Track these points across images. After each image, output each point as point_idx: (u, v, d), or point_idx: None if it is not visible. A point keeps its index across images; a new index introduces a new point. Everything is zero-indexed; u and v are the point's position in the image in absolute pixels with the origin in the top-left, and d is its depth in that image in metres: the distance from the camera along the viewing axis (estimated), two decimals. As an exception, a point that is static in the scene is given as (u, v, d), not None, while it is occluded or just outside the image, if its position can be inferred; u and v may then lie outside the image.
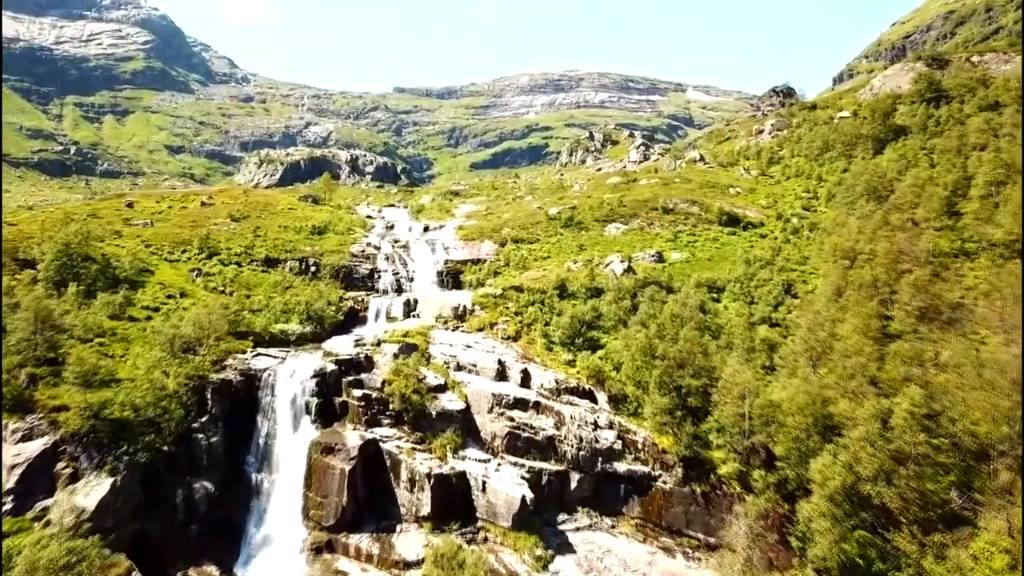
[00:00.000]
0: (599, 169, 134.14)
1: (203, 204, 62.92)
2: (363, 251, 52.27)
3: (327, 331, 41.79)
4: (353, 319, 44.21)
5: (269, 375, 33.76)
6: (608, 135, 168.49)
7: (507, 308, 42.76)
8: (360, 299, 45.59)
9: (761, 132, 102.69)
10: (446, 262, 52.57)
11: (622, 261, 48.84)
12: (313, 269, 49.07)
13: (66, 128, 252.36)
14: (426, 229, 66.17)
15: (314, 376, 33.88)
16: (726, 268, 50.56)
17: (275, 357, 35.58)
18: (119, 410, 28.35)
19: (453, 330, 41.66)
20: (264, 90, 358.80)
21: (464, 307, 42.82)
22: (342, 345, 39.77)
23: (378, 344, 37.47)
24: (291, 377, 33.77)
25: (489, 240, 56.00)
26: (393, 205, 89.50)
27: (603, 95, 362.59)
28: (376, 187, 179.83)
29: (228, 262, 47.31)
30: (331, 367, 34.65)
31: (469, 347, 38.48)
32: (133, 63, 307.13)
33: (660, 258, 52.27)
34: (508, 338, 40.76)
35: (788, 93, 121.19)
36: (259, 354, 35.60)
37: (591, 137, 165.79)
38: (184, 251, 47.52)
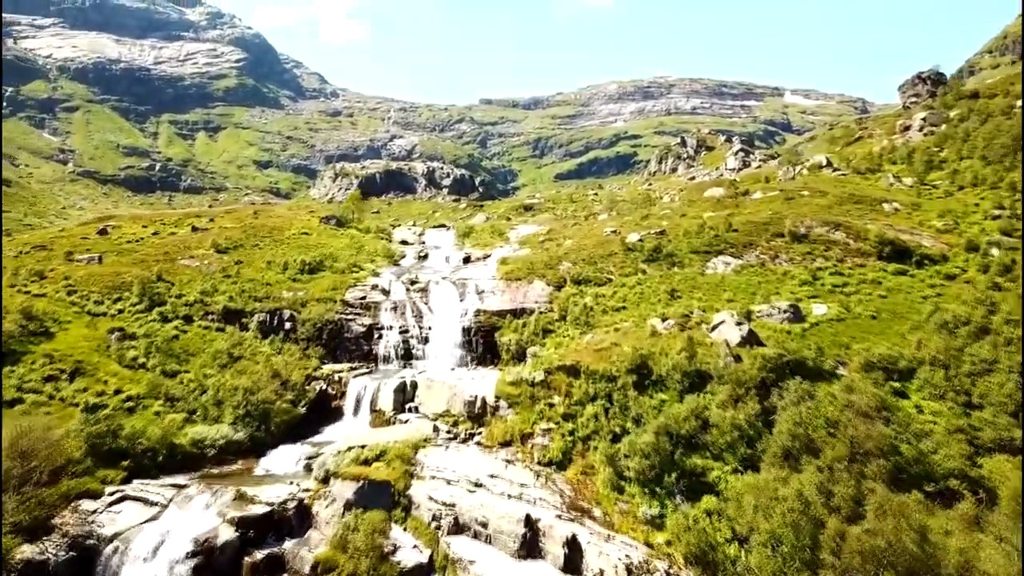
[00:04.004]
0: (692, 178, 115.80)
1: (194, 229, 50.97)
2: (363, 298, 37.69)
3: (275, 435, 27.33)
4: (322, 412, 29.55)
5: (116, 550, 19.44)
6: (702, 140, 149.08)
7: (550, 406, 26.66)
8: (338, 378, 30.80)
9: (907, 129, 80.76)
10: (477, 314, 36.98)
11: (738, 323, 31.50)
12: (287, 326, 35.02)
13: (160, 145, 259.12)
14: (467, 260, 51.22)
15: (194, 553, 19.21)
16: (907, 334, 32.05)
17: (151, 503, 21.23)
18: None
19: (463, 440, 26.05)
20: (352, 104, 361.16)
21: (483, 402, 27.11)
22: (286, 464, 25.21)
23: (325, 480, 22.40)
24: (154, 555, 19.27)
25: (540, 280, 40.08)
26: (444, 225, 75.42)
27: (695, 101, 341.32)
28: (452, 200, 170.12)
29: (171, 316, 34.10)
30: (228, 535, 19.82)
31: (479, 486, 22.69)
32: (226, 81, 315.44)
33: (796, 314, 34.40)
34: (549, 463, 24.65)
35: (938, 80, 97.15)
36: (124, 497, 21.36)
37: (683, 143, 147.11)
38: (119, 299, 34.79)
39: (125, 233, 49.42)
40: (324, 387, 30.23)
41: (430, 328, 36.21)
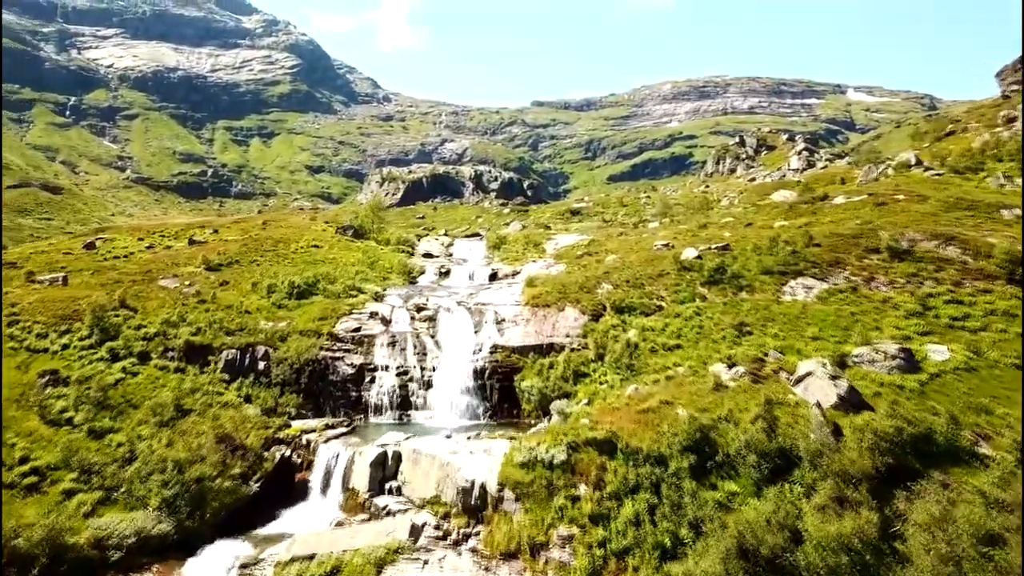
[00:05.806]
0: (752, 179, 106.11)
1: (191, 242, 45.85)
2: (356, 330, 31.12)
3: (213, 525, 20.91)
4: (282, 488, 23.03)
5: None
6: (762, 139, 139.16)
7: (574, 500, 19.29)
8: (306, 441, 24.23)
9: (1013, 120, 69.29)
10: (493, 350, 29.89)
11: (832, 376, 23.37)
12: (261, 366, 28.87)
13: (216, 151, 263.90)
14: (494, 277, 44.33)
15: None
16: (1074, 394, 23.43)
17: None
18: None
19: (455, 543, 19.01)
20: (404, 109, 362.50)
21: (483, 490, 20.01)
22: (216, 572, 18.76)
23: (243, 619, 15.79)
24: None
25: (573, 307, 32.70)
26: (478, 234, 68.86)
27: (752, 100, 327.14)
28: (499, 204, 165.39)
29: (124, 353, 28.39)
30: None
31: (462, 634, 15.63)
32: (280, 87, 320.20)
33: (909, 360, 25.86)
34: (568, 592, 17.38)
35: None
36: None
37: (741, 143, 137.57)
38: (67, 331, 29.37)
39: (116, 247, 44.74)
40: (288, 454, 23.68)
41: (434, 369, 29.39)
